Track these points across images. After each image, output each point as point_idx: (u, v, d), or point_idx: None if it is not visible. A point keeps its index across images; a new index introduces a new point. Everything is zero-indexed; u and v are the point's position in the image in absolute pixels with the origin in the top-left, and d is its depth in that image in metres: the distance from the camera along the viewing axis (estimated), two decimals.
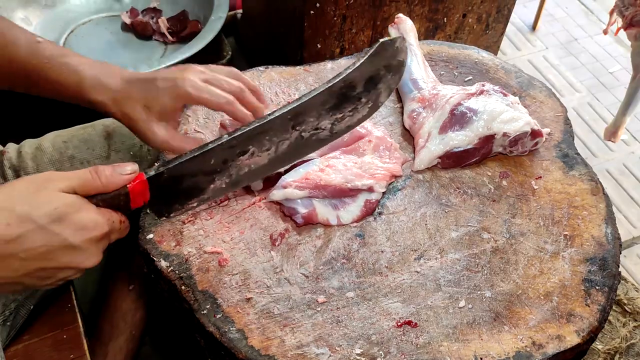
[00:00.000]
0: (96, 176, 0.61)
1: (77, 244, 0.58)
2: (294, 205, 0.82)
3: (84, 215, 0.58)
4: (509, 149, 0.92)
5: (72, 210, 0.58)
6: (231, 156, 0.66)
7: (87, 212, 0.59)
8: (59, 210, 0.57)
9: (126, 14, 1.67)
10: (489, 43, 1.63)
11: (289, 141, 0.69)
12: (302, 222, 0.82)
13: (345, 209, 0.84)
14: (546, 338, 0.73)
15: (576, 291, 0.78)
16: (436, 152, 0.90)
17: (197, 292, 0.76)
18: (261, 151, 0.67)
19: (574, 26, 2.26)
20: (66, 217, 0.57)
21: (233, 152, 0.66)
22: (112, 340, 1.04)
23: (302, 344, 0.72)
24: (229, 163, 0.66)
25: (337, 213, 0.83)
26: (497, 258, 0.81)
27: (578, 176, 0.91)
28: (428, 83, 0.98)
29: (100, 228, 0.60)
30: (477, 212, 0.86)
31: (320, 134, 0.70)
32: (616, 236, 0.84)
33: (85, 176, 0.60)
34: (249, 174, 0.68)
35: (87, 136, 0.94)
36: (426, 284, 0.78)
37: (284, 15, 1.45)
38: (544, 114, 1.00)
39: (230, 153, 0.66)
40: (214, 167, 0.65)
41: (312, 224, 0.83)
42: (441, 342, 0.73)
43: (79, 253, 0.58)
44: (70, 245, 0.58)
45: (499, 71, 1.06)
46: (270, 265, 0.79)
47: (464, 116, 0.91)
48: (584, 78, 2.09)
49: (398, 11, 1.38)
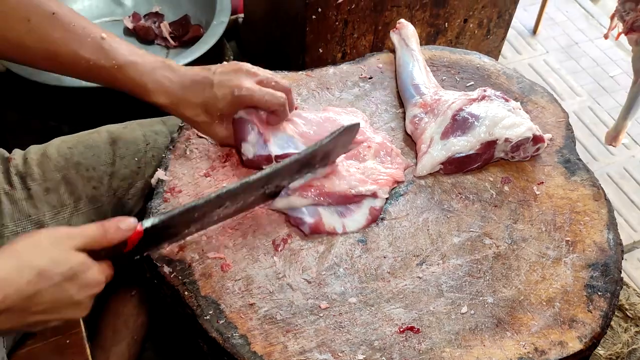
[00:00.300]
0: (104, 232, 0.65)
1: (80, 300, 0.63)
2: (299, 214, 0.82)
3: (91, 274, 0.63)
4: (510, 154, 0.92)
5: (83, 270, 0.62)
6: (210, 209, 0.75)
7: (93, 271, 0.64)
8: (73, 270, 0.61)
9: (128, 18, 1.67)
10: (490, 48, 1.63)
11: (255, 196, 0.80)
12: (309, 232, 0.82)
13: (350, 217, 0.84)
14: (548, 344, 0.74)
15: (578, 297, 0.78)
16: (438, 157, 0.90)
17: (200, 297, 0.76)
18: (232, 205, 0.77)
19: (575, 30, 2.26)
20: (77, 276, 0.62)
21: (213, 206, 0.74)
22: (114, 346, 1.04)
23: (304, 349, 0.72)
24: (206, 214, 0.75)
25: (343, 221, 0.84)
26: (499, 264, 0.82)
27: (580, 182, 0.92)
28: (430, 88, 0.98)
29: (99, 286, 0.65)
30: (479, 217, 0.87)
31: (277, 189, 0.82)
32: (618, 242, 0.84)
33: (96, 234, 0.64)
34: (216, 220, 0.78)
35: (92, 142, 0.95)
36: (428, 289, 0.79)
37: (286, 19, 1.45)
38: (545, 119, 1.00)
39: (211, 207, 0.74)
40: (195, 218, 0.74)
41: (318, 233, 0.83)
42: (443, 348, 0.73)
43: (77, 307, 0.64)
44: (74, 301, 0.63)
45: (500, 76, 1.07)
46: (273, 271, 0.79)
47: (465, 122, 0.91)
48: (584, 82, 2.09)
49: (399, 16, 1.38)
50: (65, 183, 0.91)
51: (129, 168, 0.95)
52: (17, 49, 0.77)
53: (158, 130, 0.99)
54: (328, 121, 0.91)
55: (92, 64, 0.78)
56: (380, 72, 1.06)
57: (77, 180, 0.92)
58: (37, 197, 0.89)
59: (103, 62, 0.78)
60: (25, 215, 0.87)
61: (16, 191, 0.88)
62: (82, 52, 0.78)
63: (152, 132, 0.98)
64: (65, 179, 0.91)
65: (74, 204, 0.91)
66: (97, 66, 0.79)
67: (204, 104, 0.82)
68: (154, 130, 0.99)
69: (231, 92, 0.81)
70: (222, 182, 0.88)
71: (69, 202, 0.90)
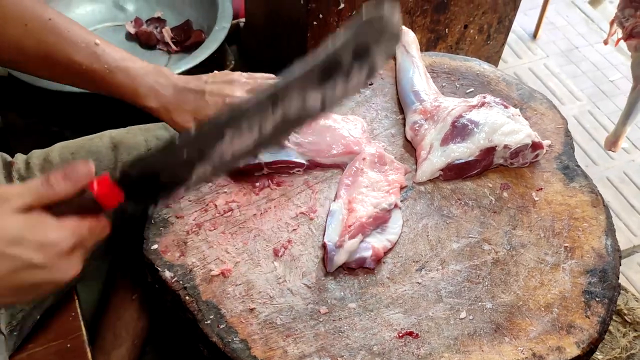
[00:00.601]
0: (48, 186, 0.57)
1: (42, 262, 0.56)
2: (358, 255, 0.81)
3: (42, 232, 0.56)
4: (509, 160, 0.93)
5: (31, 230, 0.55)
6: (206, 145, 0.62)
7: (46, 228, 0.56)
8: (14, 233, 0.55)
9: (130, 23, 1.68)
10: (490, 53, 1.64)
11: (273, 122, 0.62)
12: (374, 265, 0.81)
13: (387, 231, 0.84)
14: (546, 349, 0.74)
15: (576, 303, 0.79)
16: (438, 164, 0.91)
17: (201, 302, 0.77)
18: (241, 135, 0.62)
19: (575, 34, 2.27)
20: (23, 239, 0.55)
21: (207, 141, 0.62)
22: (115, 349, 1.05)
23: (304, 354, 0.73)
24: (206, 151, 0.62)
25: (387, 237, 0.84)
26: (497, 269, 0.82)
27: (578, 188, 0.92)
28: (430, 95, 0.99)
29: (64, 242, 0.57)
30: (478, 223, 0.87)
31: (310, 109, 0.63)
32: (616, 248, 0.85)
33: (38, 189, 0.57)
34: (235, 157, 0.63)
35: (94, 147, 0.95)
36: (427, 295, 0.79)
37: (287, 25, 1.46)
38: (544, 126, 1.01)
39: (204, 142, 0.62)
40: (190, 158, 0.61)
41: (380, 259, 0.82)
42: (442, 353, 0.74)
43: (47, 270, 0.56)
44: (34, 265, 0.55)
45: (500, 83, 1.07)
46: (274, 276, 0.80)
47: (465, 128, 0.92)
48: (584, 86, 2.10)
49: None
50: None
51: None
52: (14, 50, 0.78)
53: (160, 136, 1.00)
54: (328, 131, 0.91)
55: (85, 68, 0.80)
56: (381, 78, 1.07)
57: None
58: None
59: (95, 66, 0.80)
60: None
61: None
62: (76, 57, 0.79)
63: (154, 138, 0.99)
64: None
65: None
66: (90, 70, 0.80)
67: (195, 110, 0.82)
68: (155, 136, 0.99)
69: (222, 101, 0.82)
70: (224, 187, 0.89)
71: None
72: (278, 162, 0.88)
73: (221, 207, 0.86)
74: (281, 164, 0.89)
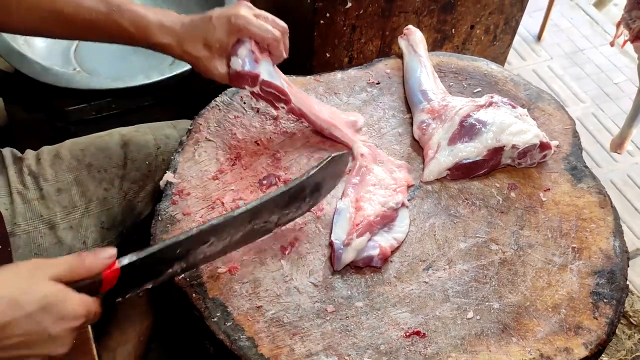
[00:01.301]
0: (81, 261, 0.62)
1: (55, 334, 0.59)
2: (364, 254, 0.80)
3: (68, 305, 0.59)
4: (517, 160, 0.92)
5: (59, 300, 0.59)
6: (194, 246, 0.71)
7: (71, 302, 0.60)
8: (47, 299, 0.58)
9: None
10: (496, 54, 1.64)
11: (243, 232, 0.76)
12: (381, 264, 0.81)
13: (394, 229, 0.84)
14: (554, 350, 0.74)
15: (584, 304, 0.79)
16: (445, 163, 0.91)
17: (208, 299, 0.76)
18: (219, 241, 0.74)
19: (579, 37, 2.27)
20: (52, 307, 0.58)
21: (196, 243, 0.71)
22: (121, 346, 1.05)
23: (311, 352, 0.73)
24: (190, 252, 0.72)
25: (393, 236, 0.83)
26: (505, 269, 0.82)
27: (586, 189, 0.92)
28: (437, 94, 0.99)
29: (78, 320, 0.60)
30: (485, 223, 0.87)
31: (267, 225, 0.78)
32: (624, 249, 0.85)
33: (73, 263, 0.61)
34: (203, 259, 0.74)
35: (104, 144, 0.95)
36: (434, 294, 0.79)
37: (294, 24, 1.45)
38: (552, 126, 1.01)
39: (194, 243, 0.71)
40: (178, 256, 0.71)
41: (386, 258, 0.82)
42: (449, 353, 0.74)
43: (54, 342, 0.59)
44: (49, 335, 0.58)
45: (507, 83, 1.07)
46: (280, 274, 0.80)
47: (473, 128, 0.92)
48: (588, 88, 2.10)
49: (407, 22, 1.39)
50: (77, 184, 0.92)
51: (139, 171, 0.95)
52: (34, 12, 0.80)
53: (169, 134, 1.00)
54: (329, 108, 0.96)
55: (93, 15, 0.81)
56: (388, 77, 1.07)
57: (89, 182, 0.92)
58: (49, 198, 0.89)
59: (104, 9, 0.81)
60: (37, 215, 0.88)
61: (29, 191, 0.89)
62: (84, 3, 0.81)
63: (163, 136, 0.99)
64: (77, 180, 0.92)
65: (85, 205, 0.91)
66: (98, 14, 0.81)
67: (205, 37, 0.84)
68: (164, 134, 0.99)
69: (228, 20, 0.83)
70: (231, 184, 0.89)
71: (80, 203, 0.91)
72: (272, 85, 0.88)
73: (228, 204, 0.86)
74: (274, 89, 0.89)
